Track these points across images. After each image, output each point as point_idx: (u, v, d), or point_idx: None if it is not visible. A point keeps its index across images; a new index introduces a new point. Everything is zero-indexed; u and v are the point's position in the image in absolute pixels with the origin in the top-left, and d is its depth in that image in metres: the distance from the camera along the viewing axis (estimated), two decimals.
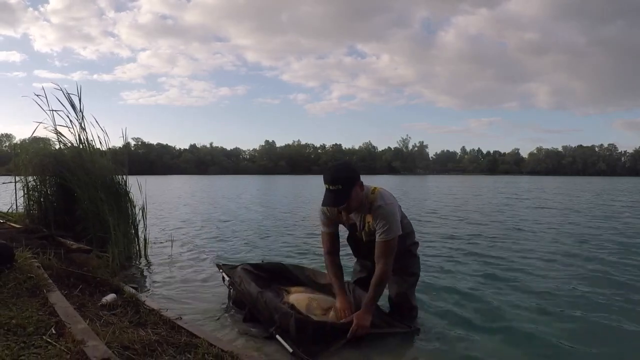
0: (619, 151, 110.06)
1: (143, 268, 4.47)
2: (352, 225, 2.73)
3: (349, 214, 2.64)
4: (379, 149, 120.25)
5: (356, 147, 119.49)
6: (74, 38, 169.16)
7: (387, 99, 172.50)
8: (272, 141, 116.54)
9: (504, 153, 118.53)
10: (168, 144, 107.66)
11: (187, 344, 2.04)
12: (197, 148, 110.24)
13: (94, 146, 4.96)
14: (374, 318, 2.53)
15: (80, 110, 4.83)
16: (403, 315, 2.77)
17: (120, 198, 4.81)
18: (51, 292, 2.42)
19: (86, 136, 4.92)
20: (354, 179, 2.47)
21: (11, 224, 4.82)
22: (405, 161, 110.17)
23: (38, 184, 5.22)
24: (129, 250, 4.76)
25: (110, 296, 2.67)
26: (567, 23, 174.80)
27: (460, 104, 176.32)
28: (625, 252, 5.29)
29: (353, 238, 2.81)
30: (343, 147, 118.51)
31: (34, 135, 5.41)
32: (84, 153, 4.88)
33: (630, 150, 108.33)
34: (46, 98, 4.80)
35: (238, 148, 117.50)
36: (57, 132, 4.98)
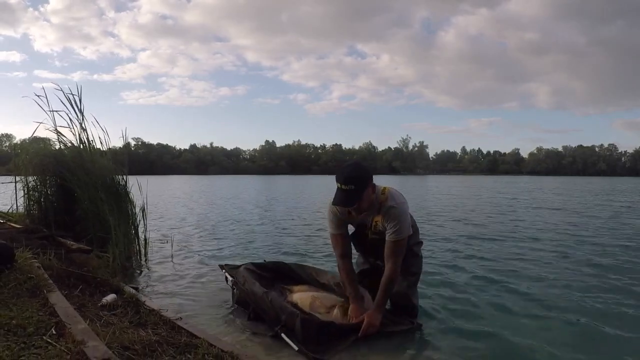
0: (619, 151, 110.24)
1: (143, 268, 4.47)
2: (360, 224, 2.73)
3: (360, 215, 2.63)
4: (379, 149, 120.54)
5: (356, 147, 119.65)
6: (74, 38, 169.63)
7: (387, 99, 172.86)
8: (272, 141, 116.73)
9: (504, 153, 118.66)
10: (168, 144, 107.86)
11: (187, 344, 2.04)
12: (197, 148, 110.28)
13: (94, 146, 4.96)
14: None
15: (80, 110, 4.84)
16: (404, 313, 2.79)
17: (120, 198, 4.81)
18: (51, 293, 2.41)
19: (86, 136, 4.92)
20: (367, 180, 2.47)
21: (11, 224, 4.82)
22: (405, 161, 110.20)
23: (38, 184, 5.22)
24: (129, 250, 4.76)
25: (110, 296, 2.67)
26: (567, 23, 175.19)
27: (460, 104, 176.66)
28: (624, 253, 5.29)
29: (359, 236, 2.83)
30: (343, 147, 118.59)
31: (34, 135, 5.41)
32: (84, 153, 4.88)
33: (630, 150, 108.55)
34: (46, 98, 4.81)
35: (238, 148, 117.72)
36: (58, 132, 4.99)
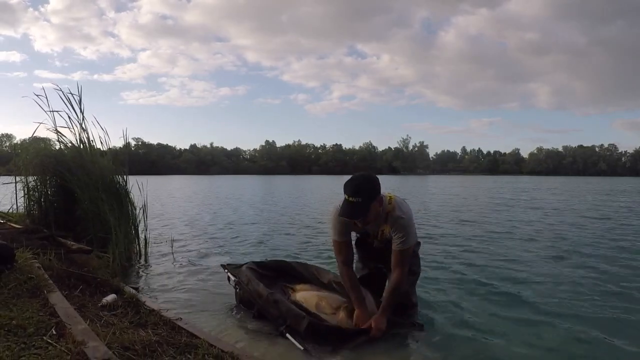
0: (620, 151, 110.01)
1: (143, 268, 4.47)
2: (364, 232, 2.74)
3: (365, 225, 2.63)
4: (380, 149, 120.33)
5: (356, 147, 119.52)
6: (74, 38, 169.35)
7: (388, 99, 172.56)
8: (273, 141, 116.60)
9: (505, 153, 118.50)
10: (168, 144, 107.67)
11: (188, 345, 2.04)
12: (198, 148, 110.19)
13: (95, 146, 4.96)
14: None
15: (80, 110, 4.84)
16: (404, 311, 2.81)
17: (120, 198, 4.81)
18: (51, 293, 2.41)
19: (87, 136, 4.93)
20: (375, 193, 2.47)
21: (11, 225, 4.82)
22: (405, 161, 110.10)
23: (38, 184, 5.22)
24: (130, 250, 4.76)
25: (110, 297, 2.67)
26: (568, 23, 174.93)
27: (460, 104, 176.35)
28: (623, 254, 5.28)
29: (363, 243, 2.85)
30: (343, 147, 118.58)
31: (35, 135, 5.41)
32: (85, 153, 4.88)
33: (630, 150, 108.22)
34: (46, 98, 4.82)
35: (238, 148, 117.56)
36: (58, 132, 4.99)
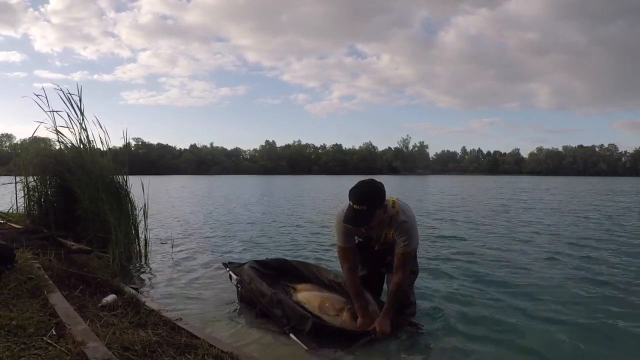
0: (620, 151, 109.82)
1: (143, 268, 4.47)
2: (367, 236, 2.76)
3: (370, 231, 2.65)
4: (380, 149, 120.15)
5: (356, 147, 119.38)
6: (75, 38, 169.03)
7: (388, 99, 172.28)
8: (273, 141, 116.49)
9: (505, 153, 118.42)
10: (168, 144, 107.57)
11: (187, 345, 2.04)
12: (198, 148, 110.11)
13: (95, 146, 4.97)
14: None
15: (80, 110, 4.84)
16: (403, 311, 2.83)
17: (120, 198, 4.81)
18: (51, 293, 2.42)
19: (87, 136, 4.93)
20: (380, 201, 2.48)
21: (12, 225, 4.82)
22: (405, 161, 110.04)
23: (38, 185, 5.22)
24: (130, 250, 4.76)
25: (110, 297, 2.67)
26: (568, 23, 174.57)
27: (461, 104, 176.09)
28: (620, 255, 5.28)
29: (364, 246, 2.86)
30: (343, 147, 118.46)
31: (35, 135, 5.42)
32: (85, 153, 4.88)
33: (630, 150, 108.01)
34: (46, 98, 4.82)
35: (238, 148, 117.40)
36: (58, 132, 5.00)
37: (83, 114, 4.84)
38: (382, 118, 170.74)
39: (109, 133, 5.04)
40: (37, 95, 4.80)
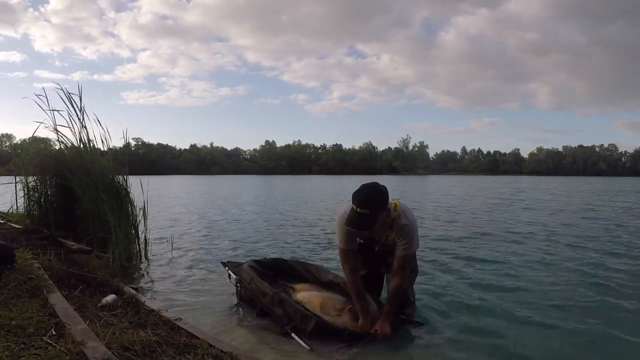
0: (620, 151, 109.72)
1: (143, 268, 4.48)
2: (369, 237, 2.76)
3: (372, 234, 2.67)
4: (380, 149, 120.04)
5: (356, 147, 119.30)
6: (75, 38, 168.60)
7: (388, 99, 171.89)
8: (273, 141, 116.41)
9: (505, 153, 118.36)
10: (168, 144, 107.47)
11: (187, 345, 2.05)
12: (198, 148, 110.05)
13: (95, 146, 4.97)
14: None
15: (81, 109, 4.84)
16: (402, 309, 2.86)
17: (120, 198, 4.82)
18: (51, 293, 2.42)
19: (87, 136, 4.93)
20: (383, 205, 2.50)
21: (11, 225, 4.82)
22: (405, 161, 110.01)
23: (38, 184, 5.22)
24: (130, 250, 4.77)
25: (110, 297, 2.67)
26: (568, 23, 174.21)
27: (461, 104, 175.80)
28: (616, 256, 5.29)
29: (366, 248, 2.86)
30: (343, 147, 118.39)
31: (35, 135, 5.42)
32: (85, 153, 4.88)
33: (630, 150, 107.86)
34: (46, 98, 4.82)
35: (238, 148, 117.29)
36: (58, 132, 5.00)
37: (83, 114, 4.86)
38: (382, 118, 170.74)
39: (109, 133, 5.05)
40: (38, 95, 4.81)
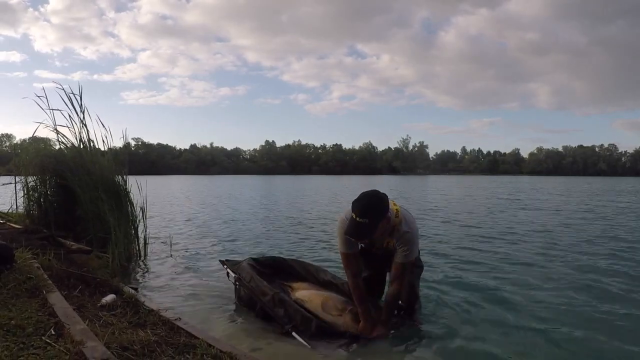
0: (620, 151, 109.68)
1: (143, 268, 4.48)
2: (370, 243, 2.77)
3: (371, 241, 2.67)
4: (380, 149, 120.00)
5: (356, 147, 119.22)
6: (75, 38, 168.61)
7: (388, 99, 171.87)
8: (273, 141, 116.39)
9: (505, 153, 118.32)
10: (168, 144, 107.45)
11: (186, 345, 2.04)
12: (198, 148, 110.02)
13: (95, 146, 4.97)
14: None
15: (81, 109, 4.85)
16: (409, 303, 2.90)
17: (120, 198, 4.82)
18: (51, 293, 2.42)
19: (87, 136, 4.93)
20: (382, 214, 2.47)
21: (11, 225, 4.82)
22: (405, 161, 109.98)
23: (38, 185, 5.22)
24: (129, 250, 4.77)
25: (109, 297, 2.68)
26: (568, 23, 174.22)
27: (461, 104, 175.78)
28: (617, 256, 5.29)
29: (367, 252, 2.88)
30: (343, 147, 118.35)
31: (35, 135, 5.42)
32: (85, 153, 4.88)
33: (630, 150, 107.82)
34: (46, 98, 4.83)
35: (238, 148, 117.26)
36: (58, 132, 5.00)
37: (84, 113, 4.86)
38: (382, 118, 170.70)
39: (111, 133, 5.05)
40: (37, 95, 4.82)
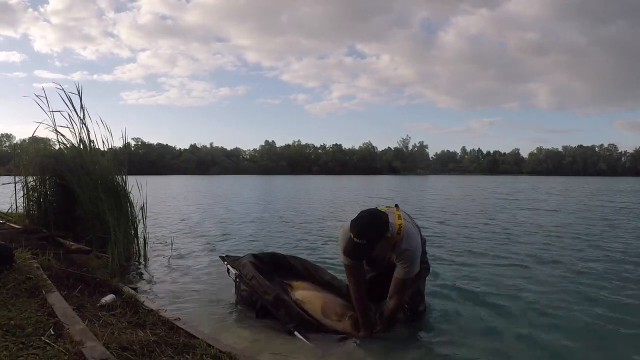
0: (619, 151, 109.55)
1: (142, 268, 4.48)
2: (371, 258, 2.74)
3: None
4: (380, 149, 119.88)
5: (356, 147, 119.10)
6: (74, 38, 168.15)
7: (388, 99, 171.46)
8: (272, 141, 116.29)
9: (504, 153, 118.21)
10: (168, 144, 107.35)
11: (186, 345, 2.04)
12: (198, 148, 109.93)
13: (94, 146, 4.97)
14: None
15: (81, 109, 4.85)
16: (413, 304, 2.89)
17: (120, 198, 4.82)
18: (50, 293, 2.42)
19: (87, 136, 4.93)
20: (381, 234, 2.45)
21: (11, 225, 4.82)
22: (405, 161, 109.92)
23: (38, 185, 5.22)
24: (129, 250, 4.77)
25: (109, 297, 2.67)
26: (568, 23, 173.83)
27: (461, 104, 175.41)
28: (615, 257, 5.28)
29: (372, 261, 2.86)
30: (343, 147, 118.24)
31: (35, 135, 5.42)
32: (85, 153, 4.88)
33: (630, 150, 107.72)
34: (46, 98, 4.83)
35: (238, 148, 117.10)
36: (57, 132, 5.00)
37: (84, 113, 4.86)
38: (382, 118, 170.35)
39: (111, 133, 5.05)
40: (37, 95, 4.82)
